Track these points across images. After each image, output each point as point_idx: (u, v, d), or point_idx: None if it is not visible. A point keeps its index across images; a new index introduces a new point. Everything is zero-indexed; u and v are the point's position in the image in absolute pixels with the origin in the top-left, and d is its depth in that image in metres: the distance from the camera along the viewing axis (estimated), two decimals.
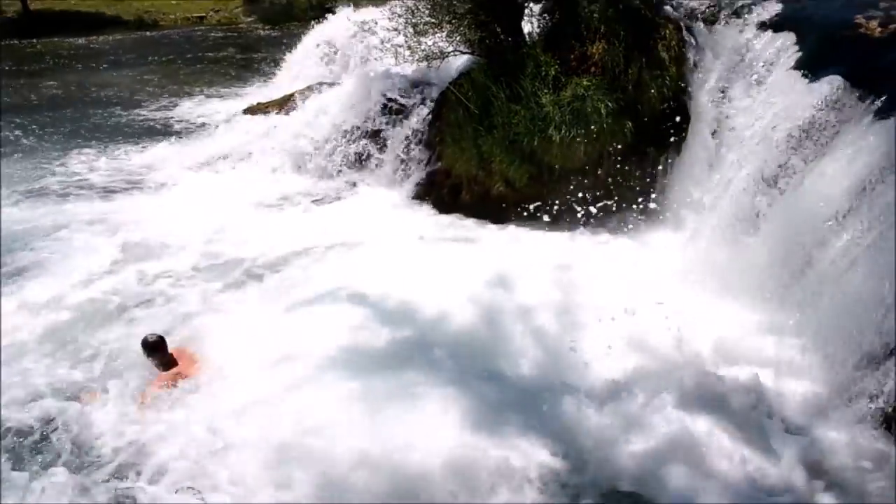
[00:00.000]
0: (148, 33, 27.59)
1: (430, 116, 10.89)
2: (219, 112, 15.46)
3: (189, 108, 16.38)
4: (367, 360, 6.66)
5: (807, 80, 8.74)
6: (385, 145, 11.20)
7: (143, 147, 13.42)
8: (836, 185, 7.36)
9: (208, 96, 17.57)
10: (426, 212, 10.45)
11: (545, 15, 10.12)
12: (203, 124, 14.79)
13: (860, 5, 9.94)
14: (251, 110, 13.47)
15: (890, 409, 5.68)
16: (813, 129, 8.23)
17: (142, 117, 15.81)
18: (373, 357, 6.74)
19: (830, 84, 8.32)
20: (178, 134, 14.37)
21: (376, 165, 11.18)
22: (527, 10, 10.20)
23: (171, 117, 15.76)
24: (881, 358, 5.98)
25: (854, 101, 7.99)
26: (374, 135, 11.26)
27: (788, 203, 7.89)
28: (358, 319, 7.31)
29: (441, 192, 10.62)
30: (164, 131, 14.69)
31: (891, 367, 5.84)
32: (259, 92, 16.47)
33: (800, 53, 9.30)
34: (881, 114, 7.54)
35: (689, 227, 9.30)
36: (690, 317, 7.45)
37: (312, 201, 10.88)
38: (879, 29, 9.08)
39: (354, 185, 11.13)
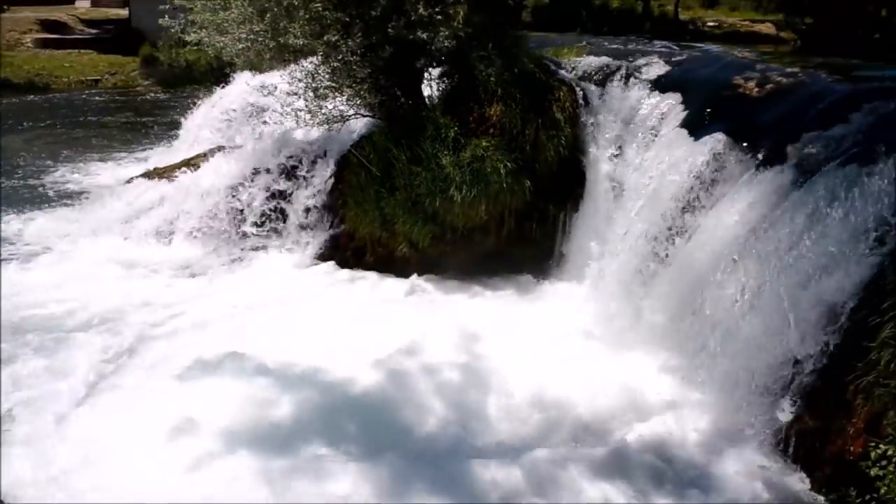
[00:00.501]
0: (39, 97, 26.62)
1: (331, 179, 10.84)
2: (114, 177, 14.93)
3: (80, 174, 15.72)
4: (270, 434, 6.43)
5: (693, 138, 9.23)
6: (286, 209, 11.05)
7: (25, 215, 12.64)
8: (724, 236, 7.74)
9: (102, 160, 16.95)
10: (329, 274, 10.29)
11: (444, 78, 10.34)
12: (93, 190, 14.20)
13: (738, 67, 10.65)
14: (148, 175, 13.10)
15: (783, 439, 6.05)
16: (701, 182, 8.67)
17: (26, 185, 15.04)
18: (276, 430, 6.51)
19: (715, 140, 8.82)
20: (66, 200, 13.76)
21: (277, 229, 10.98)
22: (426, 74, 10.38)
23: (59, 183, 15.04)
24: (776, 393, 6.29)
25: (737, 155, 8.49)
26: (275, 198, 11.09)
27: (682, 254, 8.22)
28: (259, 388, 7.06)
29: (345, 255, 10.54)
30: (50, 198, 14.01)
31: (781, 403, 6.20)
32: (157, 156, 15.99)
33: (686, 112, 9.83)
34: (762, 166, 8.03)
35: (590, 280, 9.57)
36: (595, 370, 7.65)
37: (208, 266, 10.55)
38: (757, 89, 9.70)
39: (255, 249, 10.87)
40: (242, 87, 13.35)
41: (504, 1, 10.51)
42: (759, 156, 8.19)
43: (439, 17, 9.14)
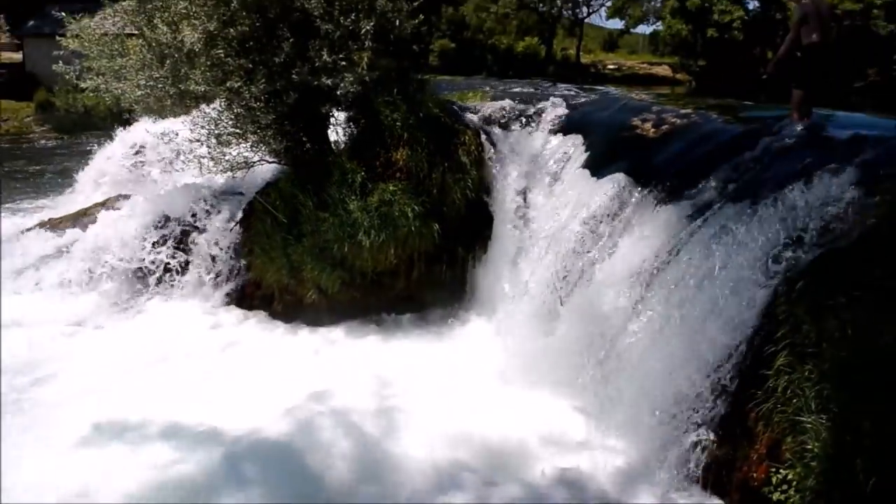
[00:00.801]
0: None
1: (237, 227, 10.63)
2: (6, 228, 14.21)
3: None
4: (176, 496, 6.14)
5: (595, 178, 9.51)
6: (189, 258, 10.73)
7: None
8: (626, 273, 7.95)
9: None
10: (235, 324, 10.01)
11: (350, 123, 10.34)
12: None
13: (636, 109, 11.07)
14: (43, 225, 12.56)
15: (694, 468, 6.14)
16: (603, 221, 8.91)
17: None
18: (180, 492, 6.21)
19: (615, 180, 9.10)
20: None
21: (180, 279, 10.64)
22: (332, 119, 10.36)
23: None
24: (683, 424, 6.42)
25: (637, 194, 8.77)
26: (178, 247, 10.77)
27: (586, 293, 8.38)
28: (160, 451, 6.74)
29: (252, 304, 10.30)
30: None
31: (689, 434, 6.31)
32: (53, 206, 15.39)
33: (587, 153, 10.14)
34: (660, 204, 8.32)
35: (500, 321, 9.62)
36: (508, 410, 7.66)
37: (106, 320, 10.09)
38: (653, 130, 10.10)
39: (156, 300, 10.49)
40: (143, 133, 12.99)
41: (409, 47, 10.61)
42: (658, 194, 8.51)
43: (343, 63, 9.18)
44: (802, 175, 6.77)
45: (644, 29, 53.29)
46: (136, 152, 14.03)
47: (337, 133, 10.32)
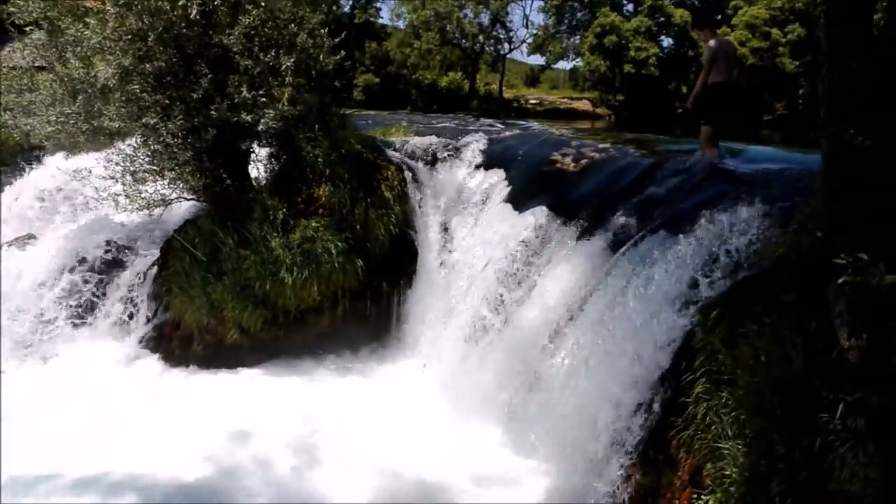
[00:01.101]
0: None
1: (154, 266, 10.32)
2: None
3: None
4: None
5: (517, 212, 9.63)
6: (104, 300, 10.35)
7: None
8: (550, 306, 8.04)
9: None
10: (155, 367, 9.67)
11: (272, 159, 10.21)
12: None
13: (556, 143, 11.30)
14: None
15: (622, 497, 6.16)
16: (526, 254, 9.02)
17: None
18: None
19: (537, 214, 9.24)
20: None
21: (96, 320, 10.24)
22: (253, 155, 10.21)
23: None
24: (609, 453, 6.46)
25: (558, 227, 8.92)
26: (92, 289, 10.37)
27: (511, 325, 8.44)
28: (75, 499, 6.43)
29: (170, 345, 9.96)
30: None
31: (615, 466, 6.33)
32: None
33: (510, 188, 10.27)
34: (581, 237, 8.48)
35: (426, 355, 9.59)
36: (436, 443, 7.62)
37: (11, 367, 9.58)
38: (573, 164, 10.31)
39: (69, 342, 10.04)
40: (54, 170, 12.52)
41: (331, 82, 10.58)
42: (578, 227, 8.68)
43: (264, 99, 9.09)
44: (715, 207, 7.00)
45: (565, 64, 54.75)
46: (46, 191, 13.49)
47: (258, 169, 10.15)
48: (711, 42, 8.56)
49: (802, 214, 5.70)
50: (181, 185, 9.69)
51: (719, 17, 47.61)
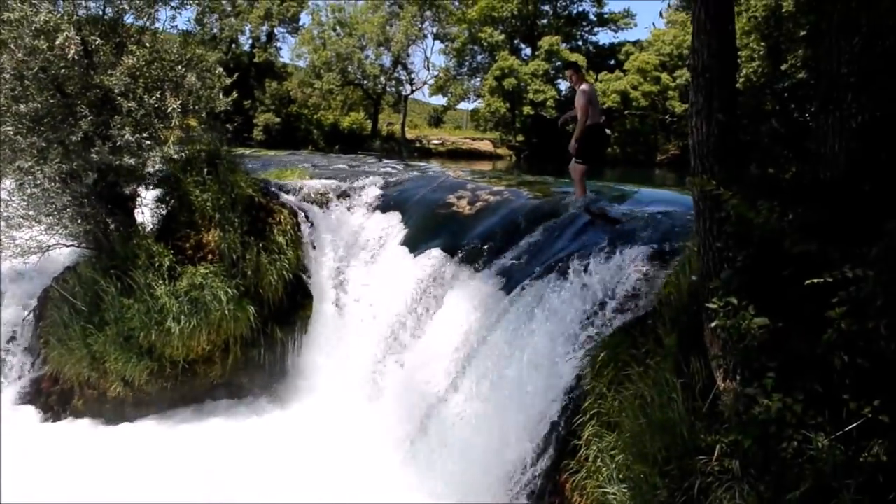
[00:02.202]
0: None
1: (31, 317, 9.73)
2: None
3: None
4: None
5: (413, 255, 9.62)
6: None
7: None
8: (444, 352, 8.00)
9: None
10: (30, 424, 9.05)
11: (159, 203, 9.84)
12: None
13: (453, 187, 11.37)
14: None
15: None
16: (422, 296, 8.98)
17: None
18: None
19: (431, 257, 9.26)
20: None
21: None
22: (140, 199, 9.83)
23: None
24: (511, 499, 6.41)
25: (453, 269, 8.94)
26: None
27: (405, 370, 8.37)
28: None
29: (48, 401, 9.38)
30: None
31: None
32: None
33: (406, 231, 10.25)
34: (475, 278, 8.51)
35: (322, 401, 9.37)
36: (334, 487, 7.38)
37: None
38: (468, 206, 10.39)
39: None
40: None
41: (223, 124, 10.35)
42: (472, 269, 8.72)
43: (148, 141, 8.78)
44: (602, 250, 7.16)
45: (466, 105, 55.63)
46: None
47: (144, 214, 9.75)
48: (584, 86, 8.90)
49: (683, 257, 5.90)
50: (60, 231, 9.23)
51: (612, 62, 49.71)
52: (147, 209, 9.76)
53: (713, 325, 4.04)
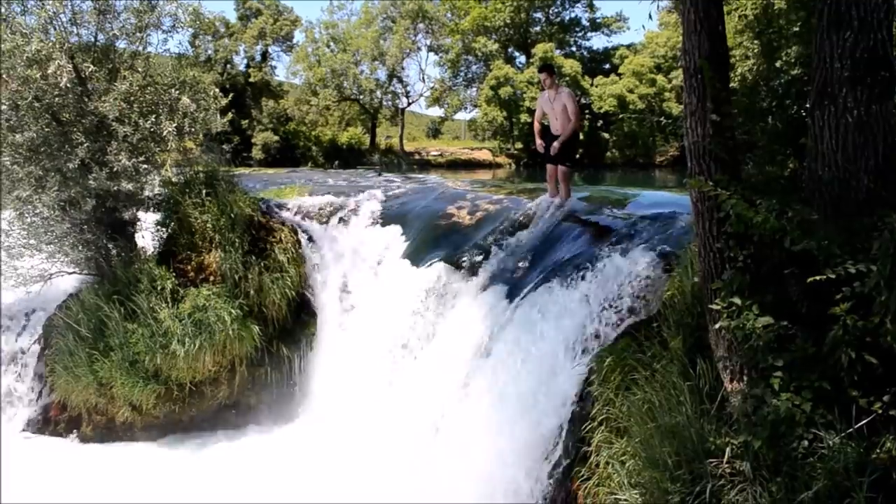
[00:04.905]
0: None
1: (36, 345, 9.72)
2: None
3: None
4: None
5: (415, 267, 9.60)
6: None
7: None
8: (450, 359, 7.96)
9: None
10: (39, 453, 9.01)
11: (160, 227, 9.84)
12: None
13: (452, 197, 11.36)
14: None
15: None
16: (425, 309, 8.96)
17: None
18: None
19: (433, 268, 9.23)
20: None
21: None
22: (140, 223, 9.84)
23: None
24: None
25: (455, 279, 8.92)
26: None
27: (414, 378, 8.33)
28: None
29: (57, 428, 9.37)
30: None
31: None
32: None
33: (407, 243, 10.23)
34: (478, 288, 8.49)
35: (331, 418, 9.32)
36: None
37: None
38: (468, 217, 10.38)
39: None
40: None
41: (220, 145, 10.37)
42: (475, 279, 8.69)
43: (145, 165, 8.79)
44: (606, 253, 7.14)
45: (464, 115, 55.76)
46: None
47: (145, 238, 9.76)
48: (566, 88, 8.88)
49: (684, 260, 5.87)
50: (61, 259, 9.25)
51: (607, 66, 49.78)
52: (147, 233, 9.77)
53: (717, 326, 4.02)
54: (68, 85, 8.28)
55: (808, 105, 4.21)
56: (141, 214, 9.73)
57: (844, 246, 3.54)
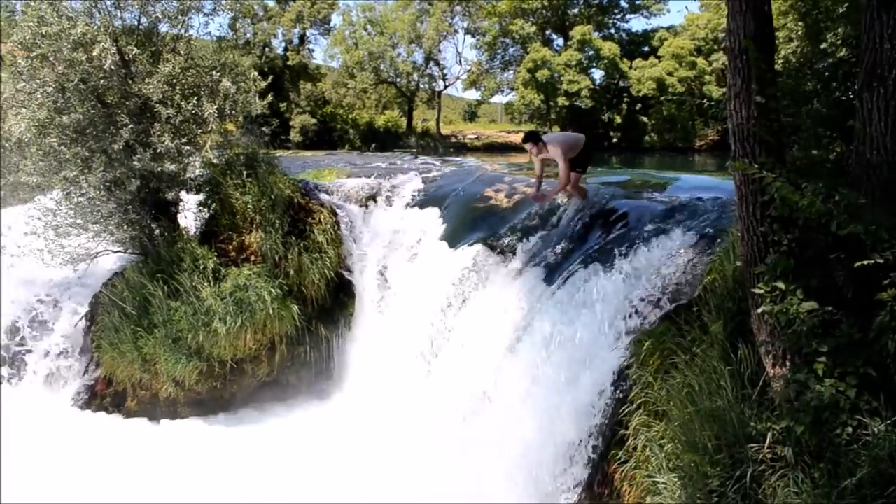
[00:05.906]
0: None
1: (83, 322, 9.97)
2: None
3: None
4: None
5: (453, 249, 9.63)
6: (29, 358, 9.93)
7: None
8: (489, 342, 7.98)
9: None
10: (86, 424, 9.28)
11: (201, 207, 9.99)
12: None
13: (490, 180, 11.34)
14: None
15: None
16: (462, 291, 8.99)
17: None
18: None
19: (472, 251, 9.24)
20: None
21: (22, 381, 9.82)
22: (183, 204, 10.01)
23: None
24: (558, 487, 6.40)
25: (493, 262, 8.92)
26: (19, 348, 9.95)
27: (451, 361, 8.38)
28: None
29: (103, 403, 9.63)
30: None
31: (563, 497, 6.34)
32: None
33: (445, 225, 10.26)
34: (516, 271, 8.49)
35: (369, 396, 9.43)
36: (380, 483, 7.52)
37: None
38: (506, 199, 10.36)
39: None
40: None
41: (259, 127, 10.47)
42: (513, 262, 8.69)
43: (187, 147, 8.93)
44: (644, 239, 7.09)
45: (501, 98, 55.49)
46: None
47: (187, 218, 9.92)
48: (551, 147, 8.54)
49: (726, 243, 5.81)
50: (107, 238, 9.45)
51: (646, 49, 49.07)
52: (190, 213, 9.93)
53: (760, 310, 3.98)
54: (112, 67, 8.42)
55: (854, 87, 4.13)
56: (183, 195, 9.87)
57: (893, 230, 3.49)
